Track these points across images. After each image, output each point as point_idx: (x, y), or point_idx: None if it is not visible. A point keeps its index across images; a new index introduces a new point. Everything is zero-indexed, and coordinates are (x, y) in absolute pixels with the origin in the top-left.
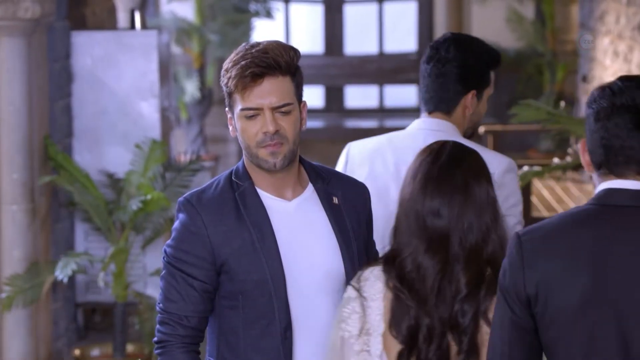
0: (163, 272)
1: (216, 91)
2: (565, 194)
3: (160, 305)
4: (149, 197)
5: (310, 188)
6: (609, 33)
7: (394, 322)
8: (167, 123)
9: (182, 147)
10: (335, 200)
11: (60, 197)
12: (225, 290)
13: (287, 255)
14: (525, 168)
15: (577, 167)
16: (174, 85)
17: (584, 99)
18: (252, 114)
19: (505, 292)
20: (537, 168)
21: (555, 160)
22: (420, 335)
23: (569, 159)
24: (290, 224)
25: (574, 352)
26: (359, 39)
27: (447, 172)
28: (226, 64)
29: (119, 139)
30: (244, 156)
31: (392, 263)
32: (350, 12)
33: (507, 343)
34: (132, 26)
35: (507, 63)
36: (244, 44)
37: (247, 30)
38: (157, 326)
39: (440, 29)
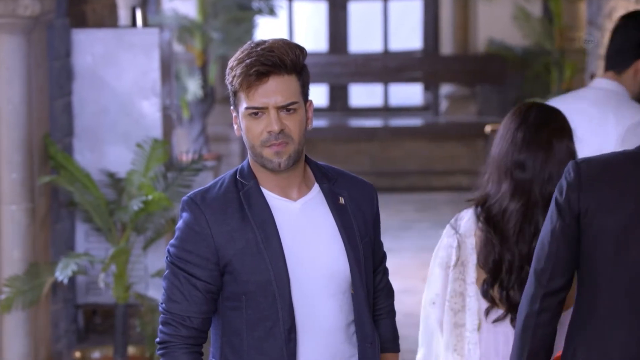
0: (166, 272)
1: (219, 89)
2: None
3: (163, 305)
4: (150, 197)
5: (316, 188)
6: None
7: (482, 256)
8: (168, 122)
9: (184, 147)
10: (342, 200)
11: (61, 197)
12: (228, 291)
13: (292, 256)
14: None
15: None
16: (176, 83)
17: None
18: (257, 112)
19: (559, 206)
20: None
21: None
22: (503, 267)
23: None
24: (295, 224)
25: (608, 263)
26: (364, 37)
27: (533, 131)
28: (231, 62)
29: (120, 138)
30: (248, 155)
31: (482, 206)
32: (354, 10)
33: (554, 243)
34: (134, 24)
35: (514, 61)
36: (249, 42)
37: (250, 28)
38: (160, 327)
39: (446, 27)
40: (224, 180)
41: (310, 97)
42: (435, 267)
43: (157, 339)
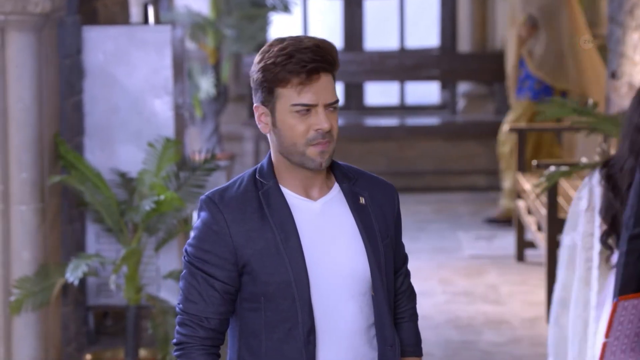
0: (183, 272)
1: (232, 88)
2: None
3: (180, 306)
4: (162, 197)
5: (336, 188)
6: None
7: (602, 208)
8: (181, 121)
9: (197, 146)
10: (362, 200)
11: (71, 197)
12: (247, 292)
13: (311, 257)
14: (552, 168)
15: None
16: (189, 81)
17: (612, 95)
18: (306, 110)
19: None
20: (564, 168)
21: (583, 159)
22: (619, 221)
23: (597, 158)
24: (315, 224)
25: None
26: (379, 34)
27: None
28: (269, 59)
29: (131, 137)
30: (274, 153)
31: (606, 166)
32: (370, 6)
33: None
34: (145, 21)
35: None
36: (279, 39)
37: (264, 25)
38: (177, 327)
39: (464, 24)
40: (243, 179)
41: None
42: (574, 211)
43: (174, 340)
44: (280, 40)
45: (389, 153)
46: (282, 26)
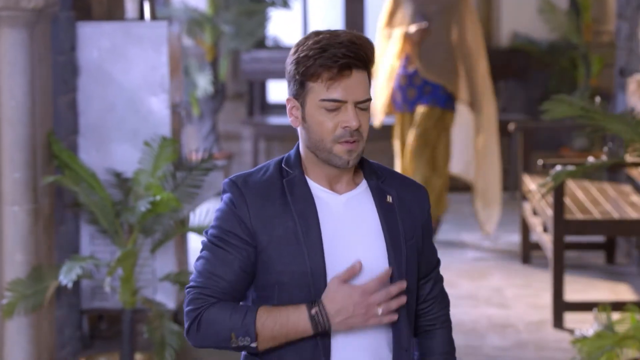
0: (201, 253)
1: (230, 85)
2: (601, 195)
3: (192, 283)
4: (158, 197)
5: (363, 184)
6: None
7: None
8: (178, 119)
9: (194, 145)
10: (389, 199)
11: (65, 197)
12: (260, 280)
13: (331, 250)
14: (558, 167)
15: (613, 166)
16: (186, 79)
17: (620, 93)
18: (334, 106)
19: None
20: (570, 167)
21: (590, 159)
22: None
23: (604, 157)
24: (338, 218)
25: None
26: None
27: None
28: (302, 52)
29: (127, 136)
30: (302, 146)
31: None
32: (371, 2)
33: None
34: (141, 16)
35: (539, 56)
36: (316, 32)
37: (262, 20)
38: (186, 308)
39: None
40: (269, 167)
41: None
42: None
43: (186, 323)
44: (317, 33)
45: (391, 152)
46: (281, 22)
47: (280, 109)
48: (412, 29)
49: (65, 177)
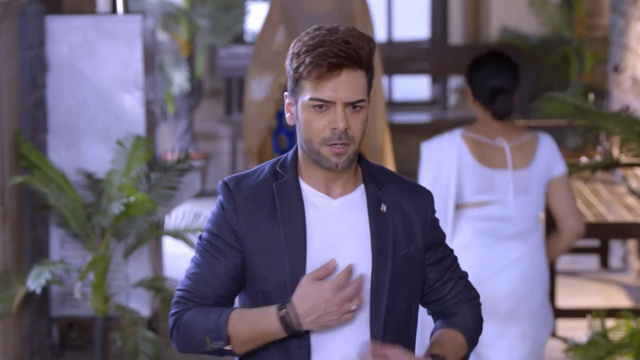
0: (194, 256)
1: (207, 82)
2: (594, 197)
3: (179, 286)
4: (132, 199)
5: (360, 189)
6: None
7: None
8: (152, 118)
9: (169, 145)
10: (383, 207)
11: (34, 199)
12: (248, 288)
13: (315, 258)
14: None
15: (607, 166)
16: (160, 75)
17: (615, 91)
18: (322, 106)
19: None
20: None
21: (584, 159)
22: None
23: (598, 157)
24: (329, 223)
25: None
26: None
27: None
28: (298, 48)
29: (98, 135)
30: (299, 147)
31: None
32: None
33: None
34: (114, 10)
35: (529, 51)
36: (317, 27)
37: (240, 15)
38: (172, 310)
39: (456, 14)
40: (264, 169)
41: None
42: None
43: (170, 323)
44: (317, 29)
45: None
46: (260, 16)
47: None
48: None
49: (34, 178)
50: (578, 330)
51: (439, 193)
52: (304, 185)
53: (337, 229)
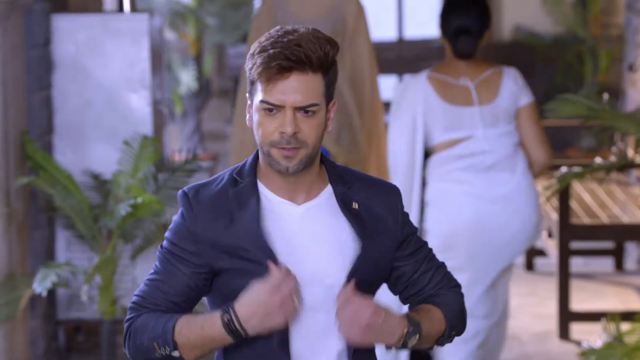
0: (154, 264)
1: (215, 81)
2: (609, 198)
3: (136, 291)
4: (139, 200)
5: (327, 191)
6: None
7: None
8: (159, 117)
9: (177, 145)
10: (355, 205)
11: (40, 200)
12: (216, 297)
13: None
14: (564, 169)
15: (622, 167)
16: (168, 75)
17: (630, 90)
18: (272, 109)
19: None
20: (577, 169)
21: (598, 159)
22: None
23: (613, 158)
24: (294, 230)
25: None
26: (376, 24)
27: None
28: (253, 48)
29: (105, 136)
30: (259, 151)
31: None
32: None
33: None
34: (121, 9)
35: (543, 50)
36: (277, 28)
37: (248, 13)
38: (126, 316)
39: None
40: (224, 176)
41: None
42: None
43: (124, 330)
44: (278, 29)
45: None
46: None
47: None
48: None
49: (39, 179)
50: (592, 334)
51: (407, 136)
52: (265, 191)
53: (305, 236)
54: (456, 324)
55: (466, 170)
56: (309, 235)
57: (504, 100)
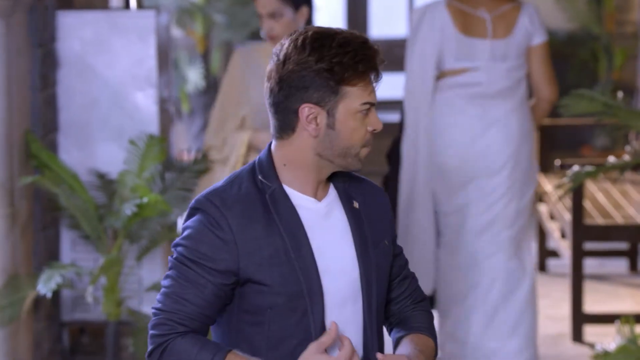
0: (170, 272)
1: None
2: (623, 198)
3: (159, 305)
4: (145, 200)
5: (332, 188)
6: None
7: None
8: (166, 116)
9: (184, 144)
10: (356, 204)
11: (44, 200)
12: (250, 304)
13: (321, 264)
14: (577, 168)
15: (636, 166)
16: (175, 73)
17: None
18: (367, 109)
19: None
20: (590, 168)
21: (612, 159)
22: None
23: (627, 157)
24: (322, 227)
25: None
26: (386, 21)
27: None
28: (334, 55)
29: (111, 134)
30: (295, 153)
31: None
32: None
33: None
34: (127, 5)
35: (556, 47)
36: (318, 31)
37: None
38: (151, 332)
39: None
40: (242, 180)
41: None
42: None
43: (149, 348)
44: (331, 35)
45: None
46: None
47: None
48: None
49: (44, 179)
50: (606, 337)
51: (424, 64)
52: (290, 191)
53: (329, 231)
54: (436, 353)
55: (468, 97)
56: (333, 230)
57: (518, 37)
